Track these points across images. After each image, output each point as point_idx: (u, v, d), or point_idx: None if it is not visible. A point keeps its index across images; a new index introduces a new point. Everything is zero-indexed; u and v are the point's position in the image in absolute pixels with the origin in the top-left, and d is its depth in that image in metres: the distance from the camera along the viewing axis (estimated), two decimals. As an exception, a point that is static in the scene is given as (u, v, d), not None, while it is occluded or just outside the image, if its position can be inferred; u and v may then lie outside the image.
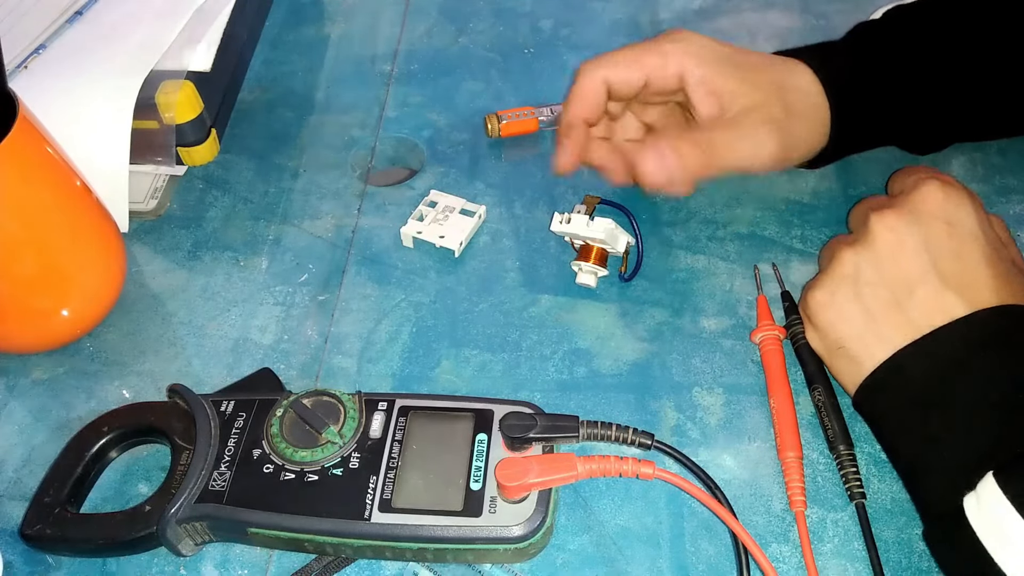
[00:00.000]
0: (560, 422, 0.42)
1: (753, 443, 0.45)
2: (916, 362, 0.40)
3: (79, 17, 0.60)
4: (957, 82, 0.51)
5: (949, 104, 0.52)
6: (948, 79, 0.51)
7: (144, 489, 0.44)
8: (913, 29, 0.52)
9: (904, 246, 0.41)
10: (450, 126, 0.62)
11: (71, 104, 0.54)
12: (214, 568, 0.41)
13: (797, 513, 0.41)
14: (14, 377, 0.49)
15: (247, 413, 0.43)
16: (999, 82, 0.51)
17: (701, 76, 0.49)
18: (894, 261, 0.41)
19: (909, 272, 0.41)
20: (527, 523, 0.39)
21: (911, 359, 0.40)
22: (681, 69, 0.49)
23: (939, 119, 0.53)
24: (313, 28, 0.70)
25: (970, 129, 0.56)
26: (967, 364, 0.39)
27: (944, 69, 0.51)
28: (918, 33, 0.52)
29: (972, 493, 0.36)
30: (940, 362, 0.40)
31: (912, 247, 0.41)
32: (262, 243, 0.55)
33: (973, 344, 0.39)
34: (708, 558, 0.41)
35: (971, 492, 0.36)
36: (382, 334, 0.50)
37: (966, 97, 0.52)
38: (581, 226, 0.50)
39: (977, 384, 0.39)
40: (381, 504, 0.39)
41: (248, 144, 0.61)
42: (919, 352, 0.40)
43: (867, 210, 0.43)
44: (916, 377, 0.40)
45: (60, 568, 0.42)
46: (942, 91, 0.51)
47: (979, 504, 0.36)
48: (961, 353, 0.39)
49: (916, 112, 0.52)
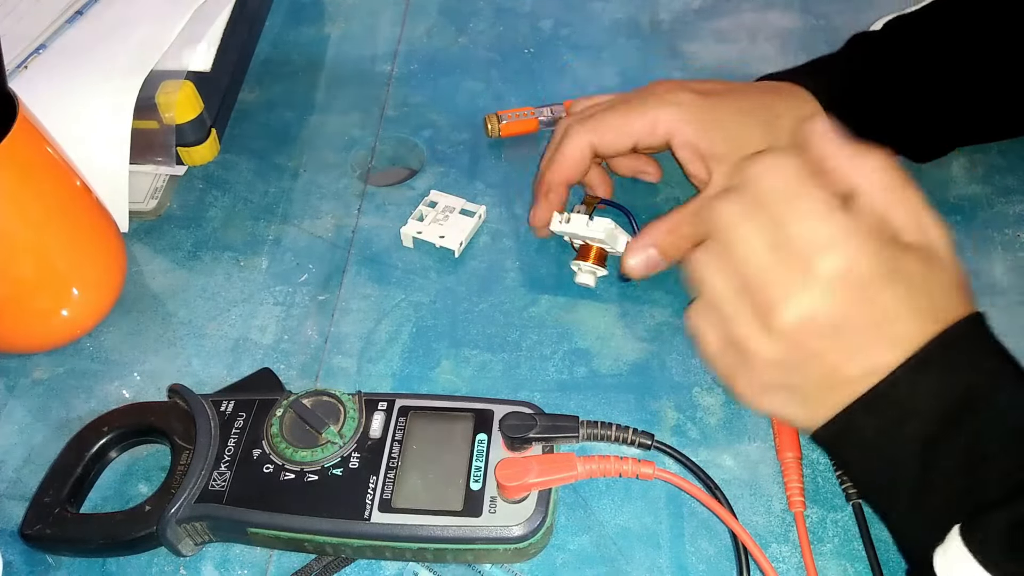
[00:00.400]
0: (560, 422, 0.42)
1: (753, 443, 0.45)
2: (865, 420, 0.37)
3: (79, 17, 0.60)
4: (959, 90, 0.51)
5: (952, 113, 0.52)
6: (950, 88, 0.51)
7: (144, 489, 0.44)
8: (913, 39, 0.52)
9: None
10: (450, 126, 0.62)
11: (71, 104, 0.54)
12: (214, 568, 0.41)
13: (796, 513, 0.42)
14: (14, 377, 0.49)
15: (247, 413, 0.43)
16: (1001, 88, 0.51)
17: (687, 140, 0.49)
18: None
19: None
20: (527, 523, 0.39)
21: (859, 417, 0.37)
22: (669, 134, 0.50)
23: (942, 127, 0.53)
24: (313, 28, 0.70)
25: (974, 134, 0.56)
26: (917, 416, 0.36)
27: (946, 78, 0.51)
28: (919, 43, 0.51)
29: (941, 547, 0.35)
30: (887, 417, 0.37)
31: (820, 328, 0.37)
32: (262, 243, 0.55)
33: (919, 393, 0.36)
34: (708, 558, 0.41)
35: (940, 546, 0.35)
36: (382, 334, 0.50)
37: (969, 105, 0.51)
38: (581, 226, 0.50)
39: (931, 436, 0.36)
40: (381, 504, 0.39)
41: (248, 144, 0.61)
42: (864, 411, 0.37)
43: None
44: (868, 433, 0.37)
45: (60, 568, 0.42)
46: (944, 100, 0.51)
47: (947, 559, 0.34)
48: (908, 405, 0.36)
49: (918, 122, 0.52)
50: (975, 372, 0.36)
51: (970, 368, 0.36)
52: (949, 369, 0.36)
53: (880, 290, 0.36)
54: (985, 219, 0.53)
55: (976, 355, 0.37)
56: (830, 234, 0.35)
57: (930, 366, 0.36)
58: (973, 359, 0.37)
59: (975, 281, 0.50)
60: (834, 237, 0.35)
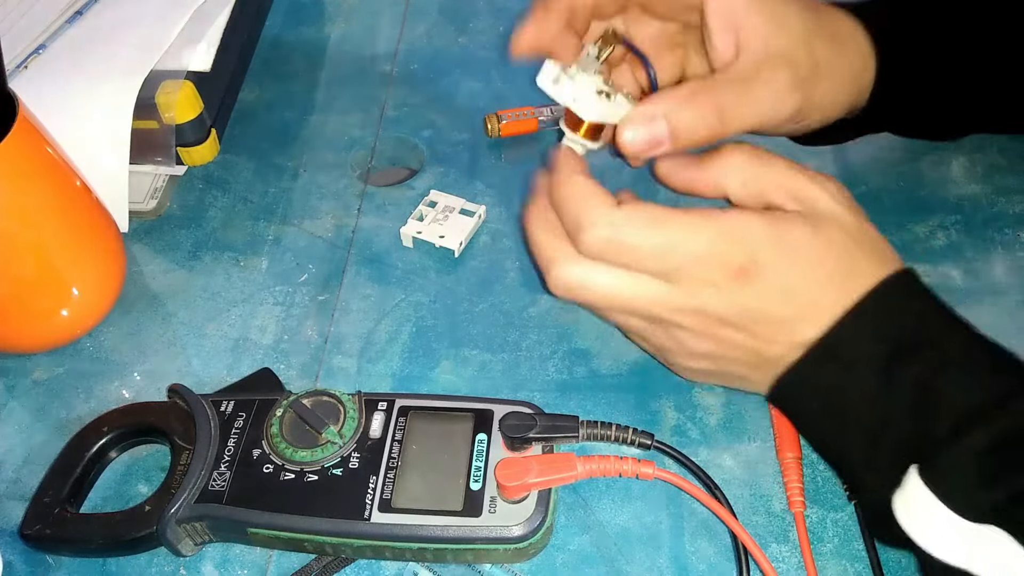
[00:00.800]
0: (560, 422, 0.42)
1: (753, 443, 0.45)
2: (812, 375, 0.38)
3: (79, 17, 0.60)
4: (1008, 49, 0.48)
5: (999, 70, 0.48)
6: (998, 46, 0.48)
7: (144, 489, 0.44)
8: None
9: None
10: (450, 126, 0.62)
11: (71, 104, 0.54)
12: (214, 568, 0.41)
13: (796, 513, 0.41)
14: (14, 377, 0.49)
15: (247, 413, 0.43)
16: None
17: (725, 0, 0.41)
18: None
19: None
20: (527, 523, 0.39)
21: (799, 386, 0.39)
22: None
23: (987, 87, 0.49)
24: (313, 28, 0.70)
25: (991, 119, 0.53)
26: (861, 363, 0.37)
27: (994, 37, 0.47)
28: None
29: (899, 491, 0.35)
30: (833, 369, 0.37)
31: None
32: (262, 243, 0.55)
33: (860, 340, 0.37)
34: (708, 558, 0.41)
35: (899, 489, 0.35)
36: (382, 334, 0.50)
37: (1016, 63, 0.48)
38: (586, 92, 0.38)
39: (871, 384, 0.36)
40: (381, 504, 0.39)
41: (248, 144, 0.61)
42: (810, 366, 0.38)
43: None
44: (817, 389, 0.38)
45: (60, 568, 0.42)
46: (993, 58, 0.48)
47: (906, 502, 0.34)
48: (852, 354, 0.37)
49: (963, 78, 0.48)
50: (912, 316, 0.37)
51: (907, 312, 0.37)
52: (885, 315, 0.37)
53: (779, 275, 0.37)
54: (985, 219, 0.53)
55: (911, 300, 0.38)
56: (712, 251, 0.37)
57: (866, 315, 0.37)
58: (908, 304, 0.37)
59: (974, 281, 0.50)
60: (717, 252, 0.37)
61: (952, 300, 0.37)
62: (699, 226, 0.37)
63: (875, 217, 0.53)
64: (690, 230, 0.37)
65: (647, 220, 0.37)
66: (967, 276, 0.51)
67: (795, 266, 0.37)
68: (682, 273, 0.38)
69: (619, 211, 0.38)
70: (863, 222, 0.39)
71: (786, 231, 0.37)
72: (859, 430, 0.37)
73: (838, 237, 0.37)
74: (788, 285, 0.37)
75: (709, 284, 0.37)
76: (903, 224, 0.53)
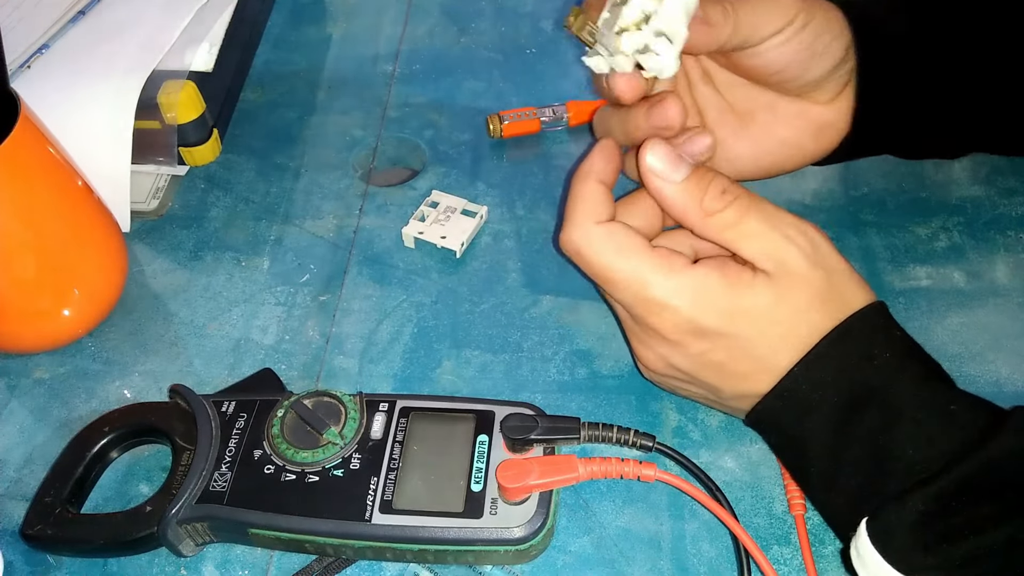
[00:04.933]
0: (561, 424, 0.42)
1: (754, 445, 0.44)
2: (775, 412, 0.39)
3: (81, 17, 0.60)
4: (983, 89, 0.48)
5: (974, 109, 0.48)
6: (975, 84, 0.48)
7: (145, 489, 0.44)
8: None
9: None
10: (452, 126, 0.62)
11: (73, 104, 0.54)
12: (215, 568, 0.41)
13: (797, 516, 0.41)
14: (15, 377, 0.49)
15: (248, 414, 0.43)
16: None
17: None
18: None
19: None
20: (528, 525, 0.39)
21: (768, 414, 0.40)
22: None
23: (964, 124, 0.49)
24: (315, 28, 0.70)
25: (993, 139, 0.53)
26: (818, 410, 0.38)
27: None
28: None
29: (853, 535, 0.36)
30: (792, 412, 0.38)
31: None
32: (264, 243, 0.55)
33: (817, 387, 0.38)
34: (709, 560, 0.41)
35: (853, 534, 0.36)
36: (383, 335, 0.50)
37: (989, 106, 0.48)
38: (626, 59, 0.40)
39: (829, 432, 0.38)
40: (382, 505, 0.39)
41: (250, 144, 0.61)
42: (773, 403, 0.39)
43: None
44: (779, 424, 0.40)
45: (61, 568, 0.42)
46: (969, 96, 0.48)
47: (857, 550, 0.35)
48: (809, 400, 0.38)
49: (948, 103, 0.48)
50: (870, 365, 0.37)
51: (865, 361, 0.37)
52: (843, 364, 0.37)
53: (729, 338, 0.38)
54: (987, 221, 0.53)
55: (871, 347, 0.38)
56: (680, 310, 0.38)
57: (824, 360, 0.37)
58: (867, 352, 0.38)
59: (977, 282, 0.50)
60: (669, 307, 0.38)
61: (955, 302, 0.37)
62: (661, 272, 0.39)
63: (877, 219, 0.54)
64: (653, 273, 0.39)
65: (615, 247, 0.39)
66: (969, 278, 0.50)
67: (751, 329, 0.38)
68: (636, 310, 0.40)
69: (597, 227, 0.40)
70: (833, 274, 0.39)
71: (746, 296, 0.38)
72: (817, 473, 0.38)
73: (802, 299, 0.38)
74: (740, 347, 0.39)
75: (657, 334, 0.40)
76: (906, 226, 0.53)
